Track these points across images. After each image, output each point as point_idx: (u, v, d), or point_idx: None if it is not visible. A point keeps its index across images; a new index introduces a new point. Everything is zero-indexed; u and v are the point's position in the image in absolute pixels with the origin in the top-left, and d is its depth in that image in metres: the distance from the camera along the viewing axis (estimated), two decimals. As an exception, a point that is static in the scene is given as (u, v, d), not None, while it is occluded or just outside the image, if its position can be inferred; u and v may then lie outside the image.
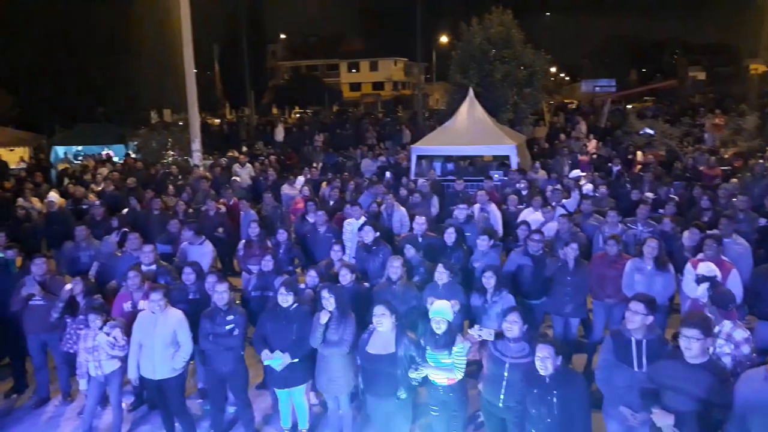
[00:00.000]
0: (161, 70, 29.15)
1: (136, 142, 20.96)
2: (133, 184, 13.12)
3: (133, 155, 20.23)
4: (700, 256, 6.56)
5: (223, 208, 10.86)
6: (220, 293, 5.81)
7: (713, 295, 5.20)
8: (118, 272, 7.51)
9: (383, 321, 5.10)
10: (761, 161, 13.43)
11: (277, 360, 5.67)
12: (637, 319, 4.51)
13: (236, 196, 11.62)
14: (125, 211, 11.10)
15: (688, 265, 6.51)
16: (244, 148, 22.60)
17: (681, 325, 4.16)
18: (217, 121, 36.61)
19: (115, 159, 20.65)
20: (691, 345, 4.07)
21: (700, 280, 6.17)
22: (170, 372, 5.79)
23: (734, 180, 11.35)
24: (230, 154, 19.89)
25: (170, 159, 18.73)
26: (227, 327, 5.77)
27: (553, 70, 53.78)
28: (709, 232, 7.27)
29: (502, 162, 15.63)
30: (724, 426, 4.16)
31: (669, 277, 6.55)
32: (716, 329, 4.97)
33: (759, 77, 40.59)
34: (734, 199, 9.12)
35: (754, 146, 17.06)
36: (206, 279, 6.60)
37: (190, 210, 11.03)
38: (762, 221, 8.59)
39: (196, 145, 17.32)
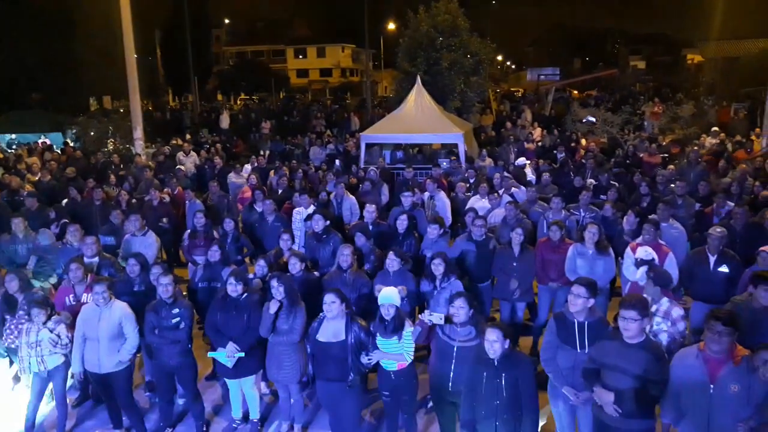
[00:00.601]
0: (100, 55, 28.03)
1: (74, 130, 20.20)
2: (73, 174, 12.67)
3: (71, 144, 19.51)
4: (638, 240, 6.81)
5: (167, 198, 10.62)
6: (164, 286, 5.70)
7: (654, 276, 5.43)
8: (59, 265, 7.28)
9: (333, 309, 5.12)
10: (696, 148, 14.01)
11: (223, 354, 5.64)
12: (579, 303, 4.66)
13: (181, 186, 11.38)
14: (64, 201, 10.72)
15: (628, 249, 6.76)
16: (188, 136, 22.06)
17: (619, 306, 4.33)
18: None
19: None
20: (629, 326, 4.24)
21: (638, 263, 6.45)
22: (116, 365, 5.67)
23: (671, 166, 11.79)
24: (174, 142, 19.42)
25: (111, 148, 18.14)
26: (173, 320, 5.66)
27: (499, 58, 54.66)
28: (649, 217, 7.56)
29: (450, 150, 15.79)
30: (660, 401, 4.38)
31: (609, 260, 6.79)
32: (653, 308, 5.21)
33: (695, 67, 42.19)
34: (673, 185, 9.49)
35: (690, 133, 17.76)
36: (151, 271, 6.47)
37: (133, 200, 10.74)
38: (697, 206, 8.97)
39: (138, 133, 16.84)
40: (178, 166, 14.19)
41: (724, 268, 6.41)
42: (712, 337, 4.06)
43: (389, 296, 5.14)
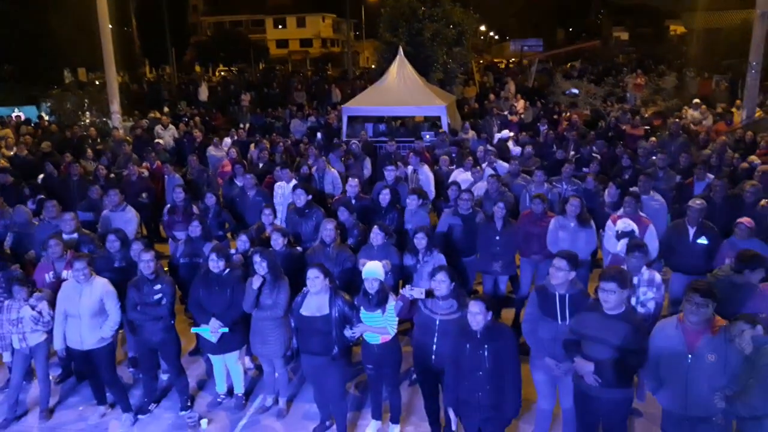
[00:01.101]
0: (74, 25, 27.28)
1: (49, 104, 19.75)
2: (48, 149, 12.39)
3: (46, 117, 19.09)
4: (619, 212, 6.86)
5: (146, 173, 10.47)
6: (146, 262, 5.64)
7: (632, 246, 5.47)
8: (37, 242, 7.17)
9: (317, 284, 5.12)
10: (677, 120, 14.09)
11: (206, 329, 5.63)
12: (560, 275, 4.69)
13: (159, 160, 11.22)
14: (40, 177, 10.52)
15: (609, 221, 6.81)
16: (166, 109, 21.70)
17: (599, 278, 4.38)
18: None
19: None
20: (609, 297, 4.29)
21: (619, 235, 6.52)
22: (99, 342, 5.63)
23: (653, 139, 11.85)
24: (152, 115, 19.06)
25: (87, 121, 17.78)
26: (155, 297, 5.63)
27: (482, 29, 54.24)
28: (630, 189, 7.61)
29: (433, 122, 15.71)
30: (638, 371, 4.46)
31: (591, 233, 6.84)
32: (635, 279, 5.27)
33: (678, 38, 42.19)
34: (654, 158, 9.53)
35: (672, 105, 17.84)
36: (132, 247, 6.40)
37: (111, 175, 10.58)
38: (678, 178, 9.04)
39: (115, 106, 16.52)
40: (156, 140, 13.96)
41: (703, 240, 6.48)
42: (690, 308, 4.13)
43: (373, 270, 5.15)
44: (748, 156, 10.46)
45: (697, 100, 17.23)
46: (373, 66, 27.76)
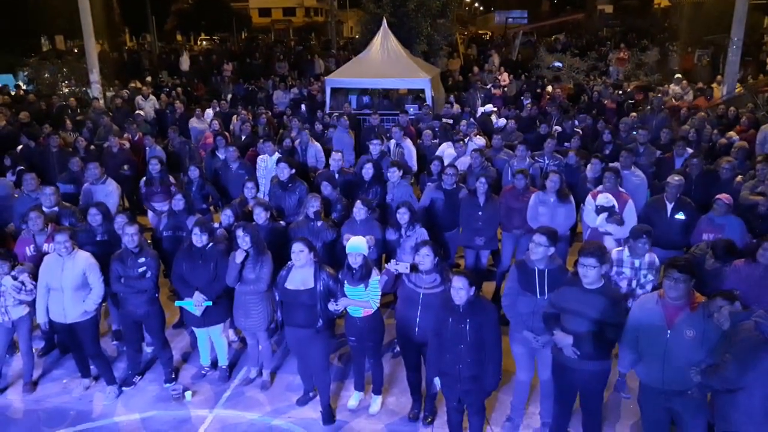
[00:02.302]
0: (52, -9, 26.58)
1: (26, 72, 19.31)
2: (27, 119, 12.16)
3: (23, 87, 18.68)
4: (599, 188, 6.94)
5: (127, 144, 10.35)
6: (130, 235, 5.63)
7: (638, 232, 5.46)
8: (16, 214, 7.10)
9: (301, 257, 5.15)
10: (659, 95, 14.17)
11: (190, 303, 5.66)
12: (539, 251, 4.77)
13: (141, 131, 11.09)
14: (19, 148, 10.36)
15: (589, 197, 6.90)
16: (148, 79, 21.32)
17: (579, 254, 4.46)
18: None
19: None
20: (588, 272, 4.38)
21: (599, 210, 6.61)
22: (82, 315, 5.64)
23: (633, 114, 11.91)
24: (132, 85, 18.73)
25: (66, 91, 17.44)
26: (139, 270, 5.64)
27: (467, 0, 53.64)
28: (610, 164, 7.69)
29: (417, 95, 15.64)
30: (616, 343, 4.58)
31: (570, 208, 6.92)
32: (637, 262, 5.33)
33: (662, 12, 42.10)
34: (635, 133, 9.60)
35: (654, 80, 17.89)
36: (115, 220, 6.37)
37: (92, 147, 10.44)
38: (658, 153, 9.13)
39: (95, 75, 16.21)
40: (137, 111, 13.77)
41: (680, 215, 6.59)
42: (669, 283, 4.22)
43: (357, 245, 5.19)
44: (727, 132, 10.60)
45: (678, 75, 17.31)
46: (357, 36, 27.43)
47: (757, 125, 10.81)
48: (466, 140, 9.44)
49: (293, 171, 7.55)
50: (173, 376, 6.10)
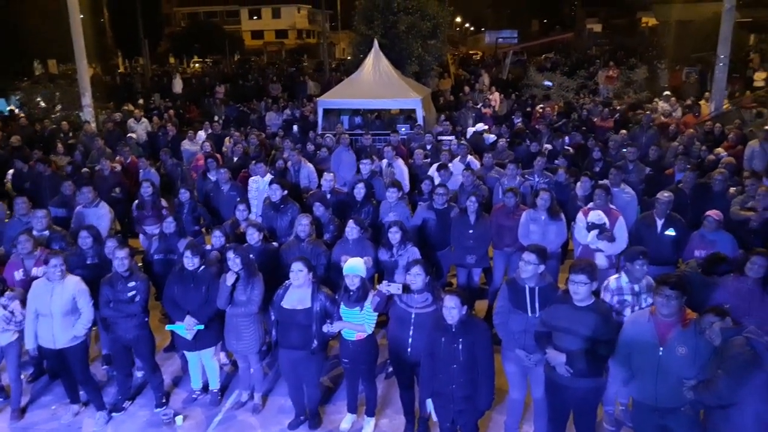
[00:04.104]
0: (43, 15, 26.67)
1: (18, 96, 19.34)
2: (18, 143, 12.14)
3: (16, 110, 18.69)
4: (590, 205, 6.97)
5: (119, 167, 10.35)
6: (120, 259, 5.60)
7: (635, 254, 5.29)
8: (7, 238, 7.06)
9: (300, 277, 5.15)
10: (648, 112, 14.29)
11: (181, 326, 5.62)
12: (529, 269, 4.77)
13: (133, 154, 11.09)
14: (10, 172, 10.33)
15: (580, 214, 6.93)
16: (140, 101, 21.39)
17: (570, 271, 4.46)
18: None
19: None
20: (579, 289, 4.39)
21: (590, 227, 6.64)
22: (71, 340, 5.58)
23: (623, 131, 12.01)
24: (125, 108, 18.78)
25: (59, 114, 17.45)
26: (129, 294, 5.60)
27: (458, 20, 54.26)
28: (600, 182, 7.74)
29: (408, 115, 15.74)
30: (608, 360, 4.56)
31: (561, 225, 6.95)
32: (636, 287, 5.16)
33: (649, 30, 42.66)
34: (624, 150, 9.67)
35: (642, 98, 18.07)
36: (105, 243, 6.34)
37: (85, 169, 10.43)
38: (647, 170, 9.18)
39: (87, 99, 16.20)
40: (129, 134, 13.78)
41: (670, 232, 6.62)
42: (661, 300, 4.23)
43: (355, 266, 5.19)
44: (715, 148, 10.69)
45: (667, 92, 17.48)
46: (349, 57, 27.65)
47: (744, 141, 10.92)
48: (456, 160, 9.47)
49: (285, 192, 7.55)
50: (164, 401, 6.03)
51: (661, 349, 4.22)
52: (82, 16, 16.32)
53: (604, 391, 4.95)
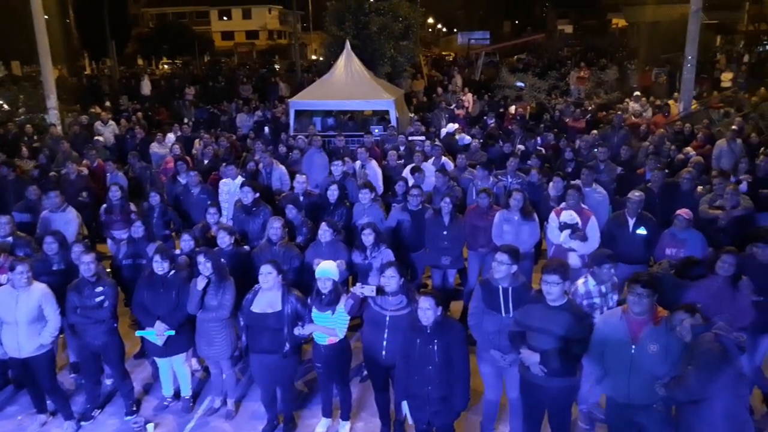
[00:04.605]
0: (5, 16, 26.07)
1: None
2: (-20, 147, 11.86)
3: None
4: (562, 205, 7.02)
5: (86, 171, 10.13)
6: (86, 264, 5.47)
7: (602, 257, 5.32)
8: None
9: (269, 280, 5.08)
10: (619, 113, 14.48)
11: (152, 332, 5.51)
12: (502, 269, 4.78)
13: (100, 157, 10.87)
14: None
15: (552, 214, 6.97)
16: (107, 104, 20.98)
17: (542, 271, 4.47)
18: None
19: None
20: (552, 289, 4.40)
21: (562, 227, 6.69)
22: (37, 349, 5.43)
23: (594, 131, 12.14)
24: (92, 110, 18.39)
25: (23, 117, 17.02)
26: (96, 299, 5.47)
27: (430, 21, 54.46)
28: (572, 182, 7.79)
29: (382, 117, 15.71)
30: (582, 359, 4.59)
31: (534, 225, 6.98)
32: (603, 288, 5.21)
33: (619, 31, 43.40)
34: (595, 150, 9.78)
35: (613, 98, 18.32)
36: (72, 249, 6.19)
37: (53, 173, 10.19)
38: (619, 170, 9.29)
39: (52, 101, 15.85)
40: (96, 137, 13.49)
41: (642, 231, 6.70)
42: (633, 299, 4.26)
43: (327, 270, 5.13)
44: (684, 148, 10.87)
45: (637, 93, 17.75)
46: (320, 58, 27.53)
47: (712, 141, 11.13)
48: (429, 162, 9.47)
49: (257, 195, 7.47)
50: (134, 409, 5.91)
51: (634, 346, 4.25)
52: (46, 16, 15.98)
53: (578, 390, 4.99)
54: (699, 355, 3.99)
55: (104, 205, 8.21)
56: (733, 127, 11.26)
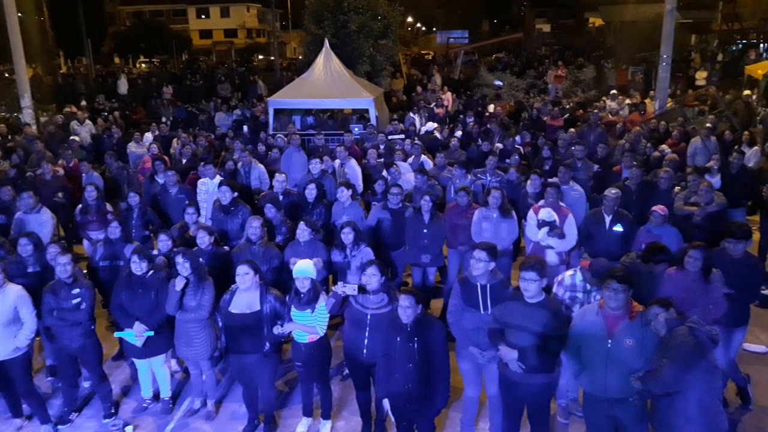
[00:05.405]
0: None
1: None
2: (-48, 147, 11.63)
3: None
4: (541, 202, 7.08)
5: (61, 171, 9.99)
6: (62, 265, 5.40)
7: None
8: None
9: (247, 280, 5.06)
10: (596, 111, 14.63)
11: (130, 333, 5.46)
12: (480, 266, 4.81)
13: (76, 158, 10.73)
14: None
15: (530, 211, 7.03)
16: (84, 103, 20.69)
17: (520, 268, 4.52)
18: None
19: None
20: (529, 286, 4.45)
21: (540, 224, 6.74)
22: (13, 352, 5.34)
23: (572, 129, 12.26)
24: (67, 109, 18.12)
25: (-4, 117, 16.75)
26: (73, 301, 5.40)
27: (409, 20, 54.50)
28: (549, 180, 7.86)
29: (361, 115, 15.71)
30: (560, 354, 4.64)
31: (512, 223, 7.03)
32: (587, 286, 5.24)
33: (596, 30, 43.81)
34: (573, 148, 9.87)
35: (590, 97, 18.51)
36: (47, 250, 6.11)
37: (29, 174, 10.03)
38: (596, 167, 9.39)
39: (26, 100, 15.62)
40: (72, 137, 13.31)
41: (618, 227, 6.77)
42: (609, 294, 4.33)
43: (304, 269, 5.12)
44: (659, 145, 11.03)
45: (614, 91, 17.95)
46: (300, 57, 27.43)
47: (687, 138, 11.30)
48: (409, 160, 9.50)
49: (236, 194, 7.43)
50: (113, 411, 5.85)
51: (610, 341, 4.31)
52: (20, 14, 15.74)
53: (557, 386, 5.04)
54: (673, 349, 4.06)
55: (79, 206, 8.10)
56: (708, 125, 11.44)
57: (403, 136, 12.48)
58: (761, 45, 28.76)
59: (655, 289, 5.25)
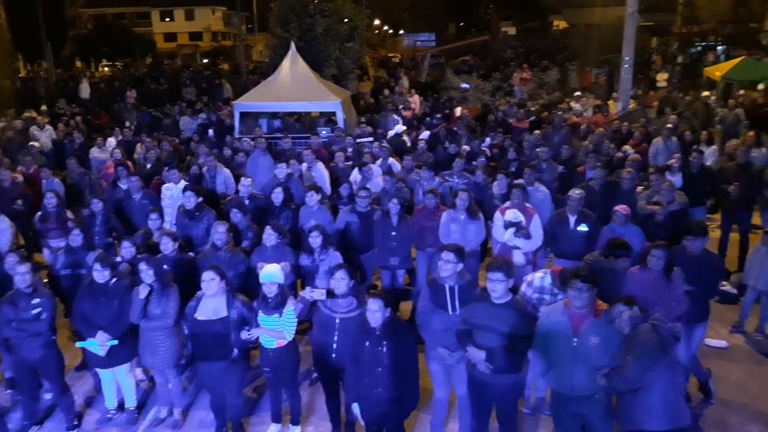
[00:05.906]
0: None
1: None
2: None
3: None
4: (507, 203, 7.15)
5: (20, 178, 9.73)
6: (21, 275, 5.26)
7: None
8: None
9: (213, 286, 4.99)
10: (560, 113, 14.85)
11: (93, 343, 5.34)
12: (448, 267, 4.83)
13: (36, 164, 10.46)
14: None
15: (497, 213, 7.09)
16: (44, 108, 20.20)
17: (486, 269, 4.55)
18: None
19: None
20: (496, 287, 4.48)
21: (507, 225, 6.81)
22: (-31, 365, 5.20)
23: (537, 131, 12.40)
24: (27, 114, 17.65)
25: (-48, 122, 16.24)
26: (33, 311, 5.25)
27: (376, 22, 54.60)
28: (515, 181, 7.94)
29: (329, 118, 15.66)
30: (527, 354, 4.68)
31: (480, 224, 7.08)
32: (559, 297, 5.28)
33: (560, 33, 44.48)
34: (538, 150, 9.99)
35: (555, 98, 18.78)
36: (6, 259, 5.95)
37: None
38: (560, 168, 9.51)
39: (-16, 105, 15.21)
40: (31, 142, 12.97)
41: (583, 227, 6.87)
42: (574, 293, 4.38)
43: (271, 274, 5.08)
44: (622, 146, 11.23)
45: (578, 93, 18.25)
46: (266, 60, 27.25)
47: (649, 139, 11.53)
48: (377, 163, 9.49)
49: (200, 199, 7.33)
50: (76, 423, 5.71)
51: (575, 339, 4.37)
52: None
53: (524, 386, 5.08)
54: (637, 346, 4.13)
55: (39, 213, 7.91)
56: (668, 125, 11.69)
57: (371, 138, 12.47)
58: (718, 48, 29.58)
59: (617, 285, 5.33)
